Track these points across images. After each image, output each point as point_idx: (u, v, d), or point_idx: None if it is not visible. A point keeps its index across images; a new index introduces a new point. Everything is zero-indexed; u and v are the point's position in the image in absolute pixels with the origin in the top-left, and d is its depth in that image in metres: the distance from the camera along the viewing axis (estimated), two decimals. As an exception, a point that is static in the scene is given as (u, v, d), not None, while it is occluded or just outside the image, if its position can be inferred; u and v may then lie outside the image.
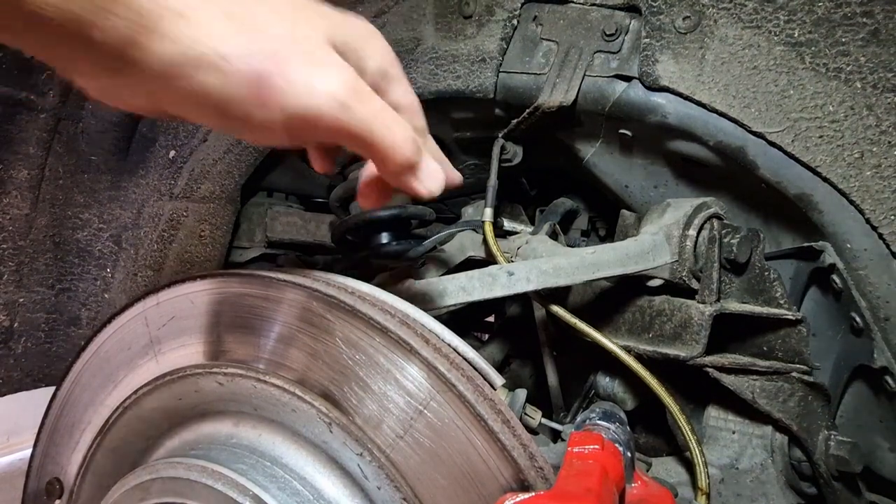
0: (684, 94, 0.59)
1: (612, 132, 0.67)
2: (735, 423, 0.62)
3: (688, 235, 0.61)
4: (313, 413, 0.43)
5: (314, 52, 0.32)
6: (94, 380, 0.56)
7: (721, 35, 0.58)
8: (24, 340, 0.80)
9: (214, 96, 0.30)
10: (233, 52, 0.29)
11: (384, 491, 0.42)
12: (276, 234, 0.93)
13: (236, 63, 0.30)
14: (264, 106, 0.31)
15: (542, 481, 0.41)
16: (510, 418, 0.42)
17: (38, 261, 0.79)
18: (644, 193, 0.71)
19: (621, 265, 0.59)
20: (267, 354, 0.46)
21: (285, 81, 0.31)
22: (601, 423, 0.51)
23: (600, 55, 0.64)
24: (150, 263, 0.84)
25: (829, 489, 0.59)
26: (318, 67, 0.32)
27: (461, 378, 0.42)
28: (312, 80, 0.31)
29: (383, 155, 0.36)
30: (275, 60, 0.30)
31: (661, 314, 0.62)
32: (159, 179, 0.84)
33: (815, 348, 0.61)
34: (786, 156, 0.56)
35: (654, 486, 0.47)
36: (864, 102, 0.53)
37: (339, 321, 0.44)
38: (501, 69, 0.69)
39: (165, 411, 0.51)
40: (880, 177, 0.53)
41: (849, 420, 0.62)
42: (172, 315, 0.51)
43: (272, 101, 0.31)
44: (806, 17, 0.55)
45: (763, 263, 0.61)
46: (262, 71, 0.30)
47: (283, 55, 0.31)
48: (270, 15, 0.31)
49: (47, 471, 0.59)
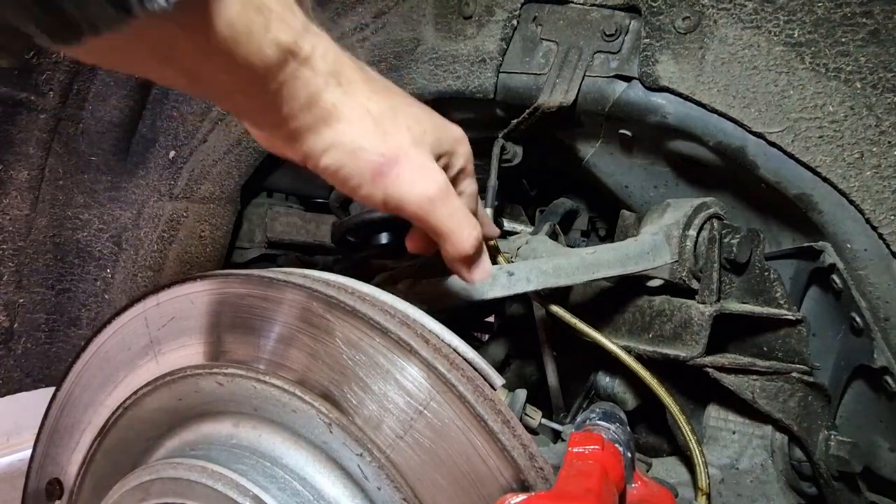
0: (684, 95, 0.59)
1: (612, 132, 0.67)
2: (735, 424, 0.62)
3: (688, 235, 0.61)
4: (313, 413, 0.43)
5: (422, 158, 0.43)
6: (94, 380, 0.56)
7: (721, 35, 0.58)
8: (25, 341, 0.80)
9: (346, 170, 0.41)
10: (369, 147, 0.41)
11: (384, 491, 0.42)
12: (277, 234, 0.93)
13: (369, 154, 0.41)
14: (375, 185, 0.42)
15: (542, 481, 0.41)
16: (510, 418, 0.42)
17: (38, 261, 0.79)
18: (644, 193, 0.71)
19: (621, 265, 0.59)
20: (267, 355, 0.46)
21: (396, 176, 0.42)
22: (601, 423, 0.51)
23: (600, 55, 0.64)
24: (150, 264, 0.84)
25: (829, 489, 0.59)
26: (421, 172, 0.43)
27: (461, 378, 0.42)
28: (415, 180, 0.42)
29: (449, 246, 0.46)
30: (395, 160, 0.42)
31: (661, 314, 0.62)
32: (159, 180, 0.84)
33: (816, 348, 0.61)
34: (786, 156, 0.56)
35: (654, 487, 0.47)
36: (864, 102, 0.53)
37: (339, 321, 0.44)
38: (501, 69, 0.69)
39: (165, 412, 0.51)
40: (880, 177, 0.53)
41: (849, 420, 0.62)
42: (172, 315, 0.51)
43: (382, 186, 0.42)
44: (806, 17, 0.55)
45: (763, 263, 0.61)
46: (384, 165, 0.41)
47: (401, 157, 0.42)
48: (400, 125, 0.43)
49: (47, 471, 0.59)
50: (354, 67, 0.41)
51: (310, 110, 0.39)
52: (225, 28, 0.32)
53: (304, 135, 0.40)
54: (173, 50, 0.33)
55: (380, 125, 0.41)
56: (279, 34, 0.35)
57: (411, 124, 0.43)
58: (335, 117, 0.40)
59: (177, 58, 0.34)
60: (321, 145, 0.40)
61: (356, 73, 0.41)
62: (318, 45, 0.38)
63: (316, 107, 0.39)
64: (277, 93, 0.37)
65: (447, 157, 0.47)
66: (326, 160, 0.41)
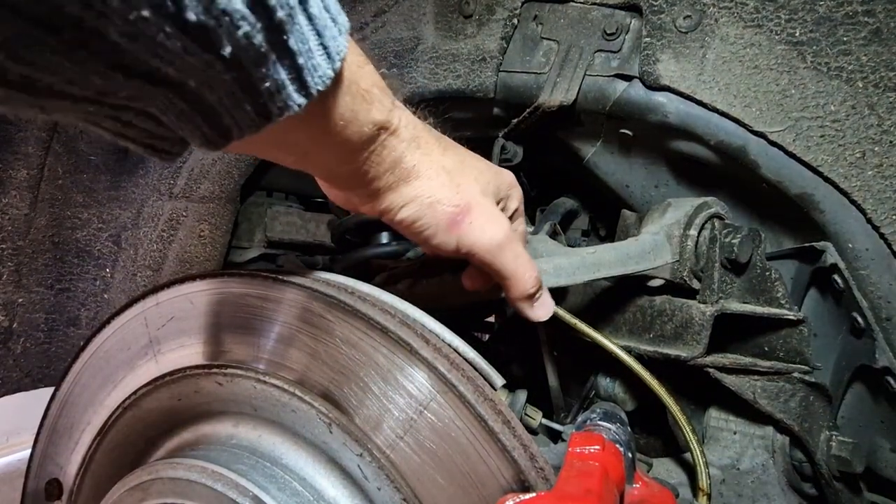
0: (685, 94, 0.59)
1: (613, 132, 0.67)
2: (736, 424, 0.62)
3: (689, 235, 0.61)
4: (313, 413, 0.43)
5: (489, 206, 0.48)
6: (94, 380, 0.56)
7: (722, 34, 0.58)
8: (24, 341, 0.80)
9: (422, 221, 0.46)
10: (444, 199, 0.46)
11: (384, 491, 0.41)
12: (276, 233, 0.93)
13: (444, 206, 0.46)
14: (448, 234, 0.46)
15: (542, 482, 0.40)
16: (511, 419, 0.42)
17: (37, 261, 0.79)
18: (645, 193, 0.71)
19: (622, 265, 0.59)
20: (267, 355, 0.46)
21: (468, 224, 0.46)
22: (602, 423, 0.51)
23: (601, 54, 0.64)
24: (149, 263, 0.84)
25: (830, 490, 0.59)
26: (489, 220, 0.47)
27: (462, 378, 0.42)
28: (484, 227, 0.47)
29: (513, 287, 0.50)
30: (467, 209, 0.46)
31: (661, 314, 0.61)
32: (159, 179, 0.84)
33: (817, 348, 0.61)
34: (787, 155, 0.56)
35: (654, 487, 0.47)
36: (866, 101, 0.53)
37: (339, 321, 0.44)
38: (502, 68, 0.68)
39: (165, 412, 0.50)
40: (882, 176, 0.53)
41: (850, 420, 0.62)
42: (172, 315, 0.51)
43: (455, 234, 0.46)
44: (807, 16, 0.55)
45: (764, 263, 0.61)
46: (458, 214, 0.46)
47: (472, 207, 0.47)
48: (469, 177, 0.47)
49: (46, 471, 0.59)
50: (428, 130, 0.47)
51: (393, 172, 0.44)
52: (338, 119, 0.38)
53: (386, 192, 0.45)
54: (291, 138, 0.38)
55: (453, 179, 0.46)
56: (376, 115, 0.40)
57: (477, 176, 0.48)
58: (414, 175, 0.45)
59: (292, 144, 0.39)
60: (400, 200, 0.45)
61: (430, 135, 0.46)
62: (402, 117, 0.43)
63: (398, 168, 0.44)
64: (368, 160, 0.42)
65: (504, 200, 0.52)
66: (405, 213, 0.45)
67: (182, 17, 0.25)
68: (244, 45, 0.28)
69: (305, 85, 0.32)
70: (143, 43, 0.26)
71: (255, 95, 0.31)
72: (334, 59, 0.34)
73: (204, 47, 0.27)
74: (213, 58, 0.28)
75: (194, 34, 0.26)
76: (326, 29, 0.33)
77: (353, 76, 0.38)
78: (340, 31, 0.34)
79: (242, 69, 0.29)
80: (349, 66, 0.37)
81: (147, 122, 0.32)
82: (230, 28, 0.27)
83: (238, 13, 0.27)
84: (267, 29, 0.29)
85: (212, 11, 0.26)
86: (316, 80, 0.33)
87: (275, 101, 0.32)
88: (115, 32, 0.25)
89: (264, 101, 0.31)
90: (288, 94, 0.32)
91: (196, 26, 0.26)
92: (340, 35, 0.34)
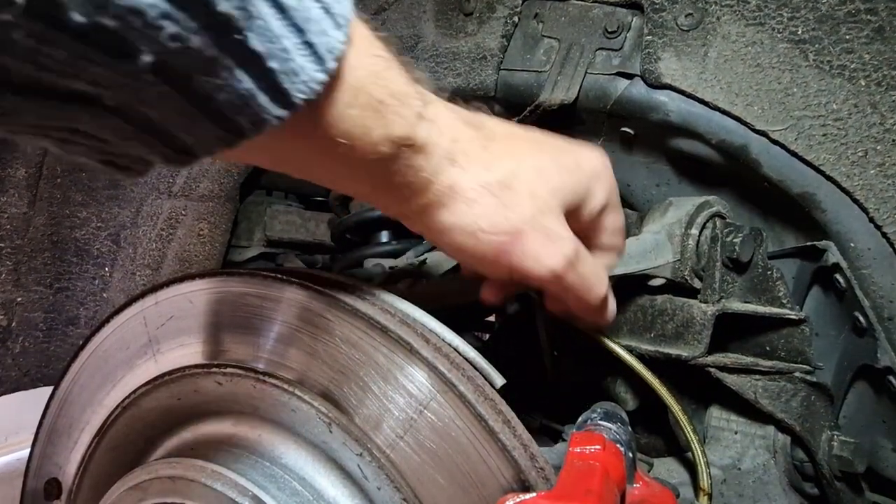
0: (687, 92, 0.59)
1: (614, 130, 0.67)
2: (737, 424, 0.62)
3: (690, 234, 0.61)
4: (313, 413, 0.43)
5: (548, 226, 0.40)
6: (93, 380, 0.56)
7: (724, 32, 0.58)
8: (22, 340, 0.79)
9: (467, 251, 0.40)
10: (488, 228, 0.39)
11: (384, 491, 0.41)
12: (276, 232, 0.93)
13: (490, 236, 0.39)
14: (498, 264, 0.40)
15: (543, 482, 0.40)
16: (511, 418, 0.42)
17: (35, 260, 0.79)
18: (646, 192, 0.71)
19: (622, 264, 0.59)
20: (266, 354, 0.46)
21: (521, 253, 0.39)
22: (602, 423, 0.50)
23: (602, 52, 0.64)
24: (148, 262, 0.84)
25: (831, 490, 0.59)
26: (546, 244, 0.40)
27: (462, 378, 0.42)
28: (539, 255, 0.40)
29: (577, 303, 0.44)
30: (518, 235, 0.39)
31: (662, 314, 0.61)
32: (158, 178, 0.84)
33: (818, 348, 0.61)
34: (789, 154, 0.56)
35: (655, 487, 0.47)
36: (869, 100, 0.53)
37: (339, 320, 0.44)
38: (502, 67, 0.68)
39: (164, 411, 0.50)
40: (884, 175, 0.53)
41: (852, 420, 0.62)
42: (171, 314, 0.51)
43: (506, 263, 0.40)
44: (809, 14, 0.54)
45: (766, 263, 0.60)
46: (507, 243, 0.39)
47: (525, 231, 0.39)
48: (522, 192, 0.39)
49: (45, 471, 0.59)
50: (471, 135, 0.39)
51: (424, 195, 0.37)
52: (342, 135, 0.31)
53: (419, 216, 0.39)
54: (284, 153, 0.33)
55: (500, 198, 0.38)
56: (393, 129, 0.33)
57: (535, 186, 0.40)
58: (452, 198, 0.38)
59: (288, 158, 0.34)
60: (438, 226, 0.39)
61: (473, 142, 0.38)
62: (432, 129, 0.36)
63: (430, 191, 0.37)
64: (389, 181, 0.36)
65: (582, 199, 0.43)
66: (446, 240, 0.40)
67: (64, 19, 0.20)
68: (176, 49, 0.22)
69: (283, 93, 0.26)
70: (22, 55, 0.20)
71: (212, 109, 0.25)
72: (325, 60, 0.27)
73: (114, 55, 0.22)
74: (135, 68, 0.22)
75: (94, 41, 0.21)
76: (310, 22, 0.26)
77: (361, 82, 0.31)
78: (337, 23, 0.27)
79: (184, 79, 0.24)
80: (354, 70, 0.30)
81: (88, 140, 0.26)
82: (146, 30, 0.21)
83: (154, 9, 0.21)
84: (207, 28, 0.23)
85: (109, 10, 0.20)
86: (299, 86, 0.26)
87: (243, 114, 0.26)
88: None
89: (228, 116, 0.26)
90: (260, 106, 0.26)
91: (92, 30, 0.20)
92: (337, 29, 0.27)
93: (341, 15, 0.28)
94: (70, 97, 0.23)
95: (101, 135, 0.26)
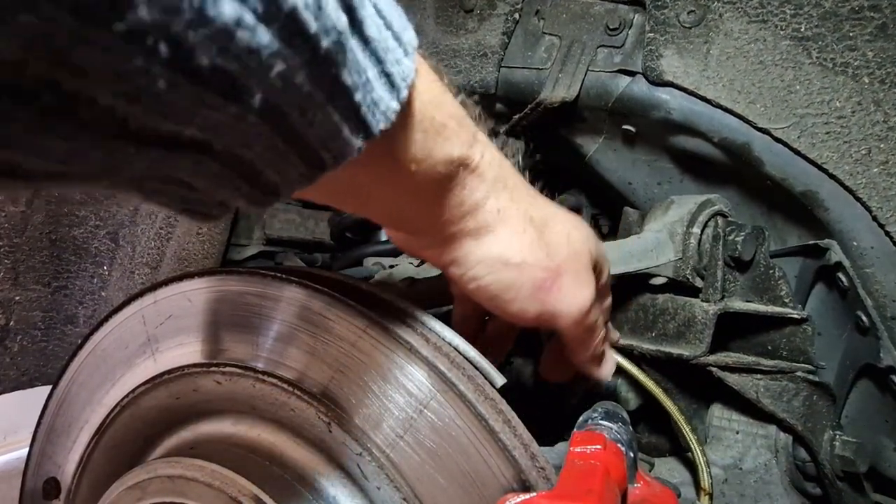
0: (689, 90, 0.59)
1: (616, 128, 0.67)
2: (739, 423, 0.62)
3: (692, 233, 0.60)
4: (312, 412, 0.43)
5: (581, 271, 0.42)
6: (92, 379, 0.55)
7: (726, 29, 0.58)
8: (21, 339, 0.79)
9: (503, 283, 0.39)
10: (532, 262, 0.39)
11: (384, 491, 0.41)
12: (275, 231, 0.92)
13: (533, 270, 0.39)
14: (533, 300, 0.40)
15: (543, 481, 0.40)
16: (511, 418, 0.42)
17: (34, 258, 0.78)
18: (648, 190, 0.71)
19: (624, 263, 0.58)
20: (265, 353, 0.46)
21: (558, 289, 0.40)
22: (603, 422, 0.50)
23: (603, 50, 0.63)
24: (147, 261, 0.84)
25: (833, 489, 0.59)
26: (580, 285, 0.42)
27: (462, 377, 0.42)
28: (575, 293, 0.41)
29: (584, 350, 0.46)
30: (558, 274, 0.40)
31: (664, 313, 0.61)
32: (157, 176, 0.83)
33: (821, 347, 0.60)
34: (792, 152, 0.56)
35: (656, 487, 0.47)
36: (872, 98, 0.53)
37: (339, 319, 0.44)
38: (503, 64, 0.68)
39: (163, 410, 0.50)
40: (887, 173, 0.53)
41: (854, 420, 0.61)
42: (170, 313, 0.51)
43: (540, 300, 0.40)
44: (813, 11, 0.54)
45: (768, 261, 0.60)
46: (547, 280, 0.40)
47: (564, 271, 0.40)
48: (561, 234, 0.41)
49: (44, 470, 0.59)
50: (515, 173, 0.40)
51: (473, 217, 0.37)
52: (408, 159, 0.32)
53: (462, 241, 0.38)
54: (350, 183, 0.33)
55: (543, 236, 0.40)
56: (452, 150, 0.34)
57: (571, 232, 0.42)
58: (498, 225, 0.38)
59: (353, 188, 0.34)
60: (478, 253, 0.38)
61: (517, 178, 0.40)
62: (485, 153, 0.36)
63: (479, 213, 0.37)
64: (442, 202, 0.36)
65: (599, 266, 0.45)
66: (481, 270, 0.39)
67: (190, 63, 0.19)
68: (280, 87, 0.22)
69: (365, 124, 0.27)
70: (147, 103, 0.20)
71: (301, 146, 0.25)
72: (399, 89, 0.28)
73: (227, 97, 0.21)
74: (245, 109, 0.22)
75: (212, 83, 0.20)
76: (388, 52, 0.27)
77: (425, 106, 0.31)
78: (406, 51, 0.28)
79: (282, 117, 0.23)
80: (420, 96, 0.31)
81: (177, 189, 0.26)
82: (259, 70, 0.21)
83: (267, 49, 0.20)
84: (309, 64, 0.22)
85: (231, 51, 0.19)
86: (378, 116, 0.27)
87: (327, 148, 0.26)
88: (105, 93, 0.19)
89: (314, 150, 0.26)
90: (344, 139, 0.26)
91: (211, 73, 0.20)
92: (406, 57, 0.28)
93: (409, 43, 0.28)
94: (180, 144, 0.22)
95: (195, 182, 0.25)
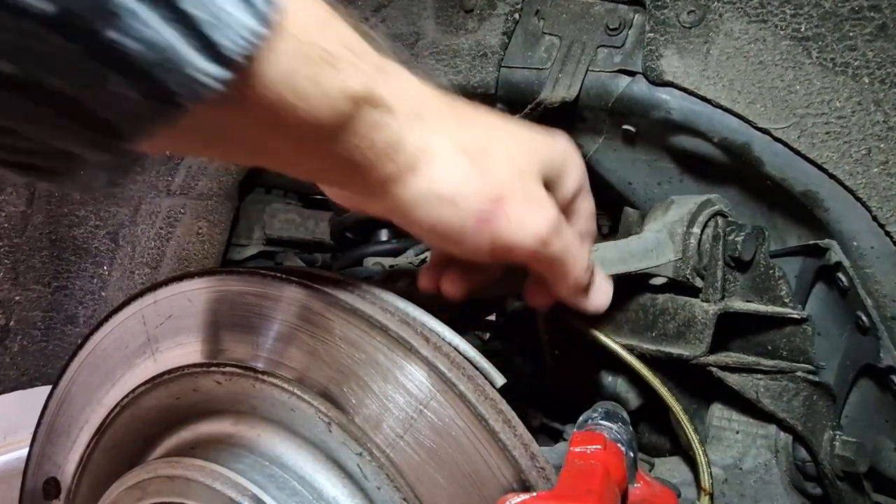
0: (689, 90, 0.59)
1: (616, 128, 0.67)
2: (739, 423, 0.62)
3: (692, 233, 0.60)
4: (312, 412, 0.43)
5: (529, 189, 0.37)
6: (92, 379, 0.55)
7: (726, 29, 0.58)
8: (21, 339, 0.79)
9: (444, 223, 0.36)
10: (468, 193, 0.35)
11: (384, 491, 0.41)
12: (275, 231, 0.92)
13: (470, 201, 0.35)
14: (480, 234, 0.36)
15: (543, 481, 0.40)
16: (511, 418, 0.42)
17: (34, 258, 0.79)
18: (648, 190, 0.71)
19: (624, 263, 0.58)
20: (265, 353, 0.46)
21: (505, 219, 0.36)
22: (603, 422, 0.50)
23: (603, 50, 0.64)
24: (147, 261, 0.84)
25: (833, 489, 0.59)
26: (530, 208, 0.37)
27: (462, 377, 0.42)
28: (525, 219, 0.36)
29: (562, 279, 0.42)
30: (500, 199, 0.36)
31: (664, 313, 0.61)
32: (156, 176, 0.84)
33: (821, 347, 0.60)
34: (791, 152, 0.56)
35: (656, 486, 0.47)
36: (872, 98, 0.53)
37: (339, 319, 0.44)
38: (503, 64, 0.68)
39: (163, 410, 0.50)
40: (887, 174, 0.53)
41: (854, 420, 0.61)
42: (170, 313, 0.51)
43: (488, 232, 0.36)
44: (813, 11, 0.54)
45: (768, 261, 0.60)
46: (488, 209, 0.35)
47: (506, 195, 0.36)
48: (500, 155, 0.36)
49: (44, 470, 0.59)
50: (440, 99, 0.35)
51: (392, 159, 0.33)
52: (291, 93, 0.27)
53: (389, 186, 0.34)
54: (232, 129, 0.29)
55: (478, 161, 0.35)
56: (349, 83, 0.29)
57: (513, 150, 0.37)
58: (424, 162, 0.34)
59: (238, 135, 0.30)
60: (410, 196, 0.34)
61: (442, 106, 0.35)
62: (396, 85, 0.32)
63: (400, 154, 0.33)
64: (352, 146, 0.31)
65: (557, 177, 0.40)
66: (419, 213, 0.35)
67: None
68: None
69: (219, 50, 0.23)
70: None
71: (135, 74, 0.22)
72: (260, 10, 0.24)
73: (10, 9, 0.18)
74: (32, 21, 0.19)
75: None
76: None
77: (308, 34, 0.27)
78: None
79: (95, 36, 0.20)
80: (299, 21, 0.27)
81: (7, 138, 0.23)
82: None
83: None
84: None
85: None
86: (236, 40, 0.23)
87: (175, 78, 0.22)
88: None
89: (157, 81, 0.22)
90: (196, 68, 0.23)
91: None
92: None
93: None
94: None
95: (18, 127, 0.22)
